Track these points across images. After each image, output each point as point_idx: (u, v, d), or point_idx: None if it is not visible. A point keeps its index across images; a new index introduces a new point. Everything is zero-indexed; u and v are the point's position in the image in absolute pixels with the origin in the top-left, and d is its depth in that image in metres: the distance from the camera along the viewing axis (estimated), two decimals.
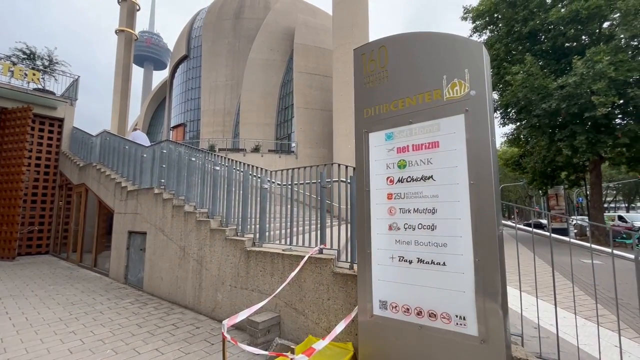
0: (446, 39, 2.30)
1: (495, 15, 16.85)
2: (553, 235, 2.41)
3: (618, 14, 13.25)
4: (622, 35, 12.61)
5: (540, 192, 24.95)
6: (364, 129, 2.63)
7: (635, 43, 13.13)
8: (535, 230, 2.53)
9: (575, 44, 15.14)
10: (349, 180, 3.47)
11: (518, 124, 17.71)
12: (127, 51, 34.72)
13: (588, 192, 19.79)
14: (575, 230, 19.64)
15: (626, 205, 45.69)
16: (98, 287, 6.29)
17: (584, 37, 15.04)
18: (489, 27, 17.66)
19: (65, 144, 11.48)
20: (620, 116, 14.36)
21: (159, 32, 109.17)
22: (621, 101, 13.43)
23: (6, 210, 9.61)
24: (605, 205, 33.53)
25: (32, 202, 10.74)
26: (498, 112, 17.60)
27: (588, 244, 2.33)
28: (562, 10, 14.03)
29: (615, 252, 2.20)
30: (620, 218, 20.09)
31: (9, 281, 6.63)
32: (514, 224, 2.59)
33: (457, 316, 2.04)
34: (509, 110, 17.05)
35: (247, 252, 4.11)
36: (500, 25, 16.98)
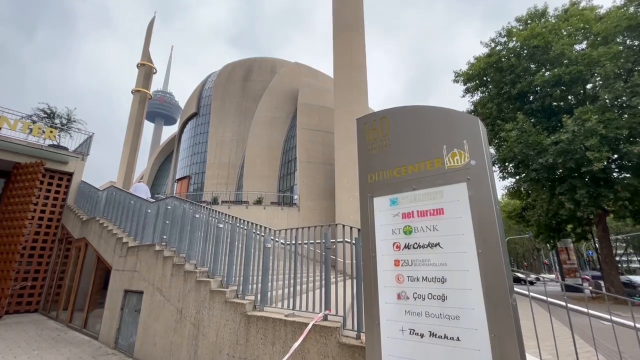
0: (443, 112, 2.47)
1: (485, 78, 18.18)
2: (570, 306, 2.32)
3: (599, 78, 14.26)
4: (606, 97, 13.41)
5: (548, 245, 24.32)
6: (369, 193, 2.69)
7: (620, 103, 13.90)
8: (550, 299, 2.43)
9: (562, 103, 16.08)
10: (353, 242, 3.44)
11: (517, 177, 17.99)
12: (141, 108, 36.94)
13: (597, 246, 19.28)
14: (590, 287, 18.69)
15: (639, 258, 44.09)
16: (85, 352, 5.86)
17: (570, 97, 16.02)
18: (479, 89, 18.92)
19: (71, 198, 11.63)
20: (617, 170, 14.62)
21: (172, 91, 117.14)
22: (615, 156, 13.80)
23: (1, 265, 9.38)
24: (617, 259, 32.34)
25: (30, 256, 10.52)
26: (496, 166, 17.99)
27: (607, 316, 2.23)
28: (546, 74, 15.16)
29: (638, 325, 2.09)
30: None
31: None
32: (527, 293, 2.50)
33: None
34: (506, 164, 17.46)
35: (247, 317, 3.91)
36: (490, 87, 18.23)
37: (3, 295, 8.97)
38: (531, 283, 19.95)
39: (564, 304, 2.32)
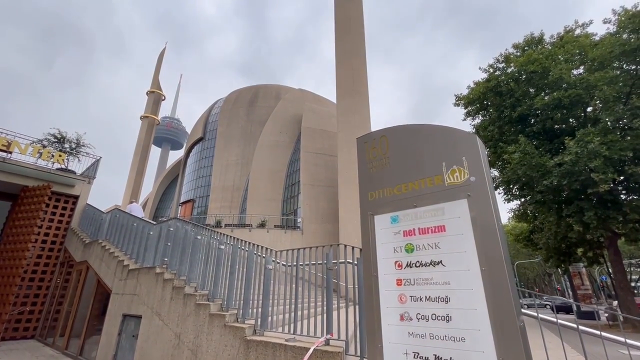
0: (442, 130, 2.51)
1: (485, 102, 18.49)
2: (581, 327, 2.22)
3: (598, 101, 14.43)
4: (607, 119, 13.50)
5: (559, 270, 23.58)
6: (369, 211, 2.68)
7: (621, 125, 13.95)
8: (560, 321, 2.34)
9: (564, 125, 16.18)
10: (355, 262, 3.38)
11: (522, 199, 17.79)
12: (149, 134, 37.87)
13: (610, 270, 18.66)
14: (607, 315, 17.88)
15: None
16: None
17: (571, 120, 16.14)
18: (480, 112, 19.18)
19: (75, 221, 11.68)
20: (624, 192, 14.42)
21: (179, 117, 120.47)
22: (622, 177, 13.67)
23: (1, 289, 9.27)
24: (633, 284, 31.04)
25: (30, 280, 10.42)
26: (501, 188, 17.85)
27: (621, 339, 2.12)
28: (546, 98, 15.38)
29: None
30: None
31: None
32: (535, 314, 2.41)
33: None
34: (511, 186, 17.32)
35: (247, 341, 3.77)
36: (490, 110, 18.48)
37: (0, 320, 8.80)
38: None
39: (574, 325, 2.22)
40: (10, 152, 10.84)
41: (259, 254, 5.04)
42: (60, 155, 12.04)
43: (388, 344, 2.25)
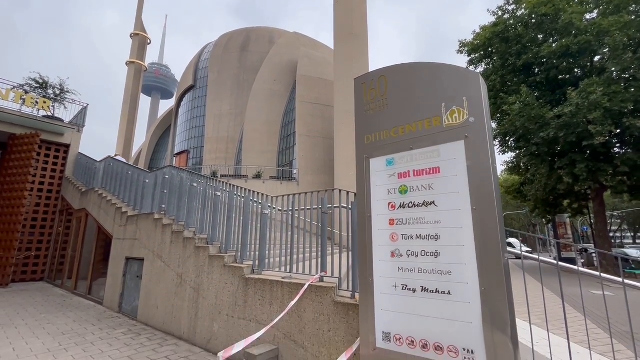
0: (444, 69, 2.38)
1: (490, 49, 17.57)
2: (560, 263, 2.35)
3: (607, 49, 13.78)
4: (613, 69, 13.03)
5: (544, 220, 24.65)
6: (365, 154, 2.66)
7: (627, 76, 13.53)
8: (542, 258, 2.47)
9: (568, 76, 15.64)
10: (350, 206, 3.45)
11: (517, 152, 17.88)
12: (136, 81, 36.07)
13: (592, 221, 19.55)
14: (583, 261, 19.18)
15: (632, 234, 44.89)
16: (91, 316, 6.08)
17: (576, 69, 15.56)
18: (484, 60, 18.34)
19: (69, 170, 11.60)
20: (618, 145, 14.51)
21: (168, 64, 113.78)
22: (618, 130, 13.63)
23: (4, 235, 9.52)
24: (611, 235, 32.91)
25: (32, 227, 10.66)
26: (497, 140, 17.82)
27: (597, 273, 2.26)
28: (554, 45, 14.64)
29: (626, 281, 2.13)
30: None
31: None
32: (519, 252, 2.53)
33: (464, 349, 1.94)
34: (507, 138, 17.29)
35: (245, 279, 4.00)
36: (495, 58, 17.66)
37: (7, 264, 9.18)
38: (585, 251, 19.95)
39: (554, 262, 2.35)
40: None
41: (255, 200, 5.12)
42: (45, 102, 11.53)
43: (378, 277, 2.38)
